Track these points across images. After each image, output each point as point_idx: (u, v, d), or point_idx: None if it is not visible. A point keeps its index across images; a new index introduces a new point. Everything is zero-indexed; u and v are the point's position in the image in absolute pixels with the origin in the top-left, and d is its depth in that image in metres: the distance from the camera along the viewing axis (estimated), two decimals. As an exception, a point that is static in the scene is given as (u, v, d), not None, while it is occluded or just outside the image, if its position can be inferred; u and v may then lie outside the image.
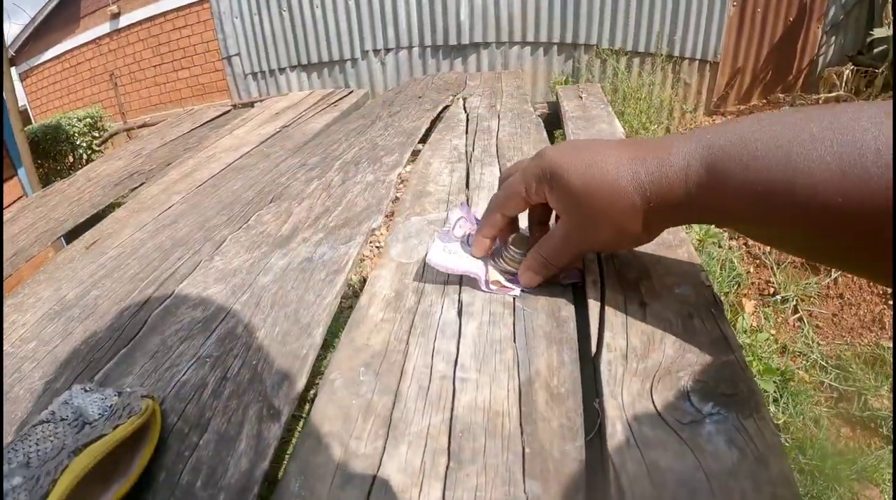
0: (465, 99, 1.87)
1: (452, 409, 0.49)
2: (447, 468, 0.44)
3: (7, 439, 0.57)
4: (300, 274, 0.78)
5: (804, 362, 2.64)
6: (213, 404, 0.55)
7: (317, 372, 0.57)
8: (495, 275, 0.65)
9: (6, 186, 4.01)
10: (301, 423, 0.50)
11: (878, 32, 5.14)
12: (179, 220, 1.14)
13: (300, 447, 0.47)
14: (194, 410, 0.55)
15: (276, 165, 1.41)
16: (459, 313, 0.62)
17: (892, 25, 4.80)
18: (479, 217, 0.67)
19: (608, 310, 0.57)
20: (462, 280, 0.67)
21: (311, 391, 0.55)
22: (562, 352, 0.55)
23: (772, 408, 2.34)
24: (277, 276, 0.78)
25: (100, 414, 0.51)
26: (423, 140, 1.49)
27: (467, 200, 0.72)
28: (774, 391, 2.40)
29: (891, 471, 1.93)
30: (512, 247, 0.64)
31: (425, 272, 0.71)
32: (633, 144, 0.54)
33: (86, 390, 0.54)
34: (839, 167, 0.42)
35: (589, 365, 0.53)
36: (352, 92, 2.32)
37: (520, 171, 0.60)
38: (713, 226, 3.57)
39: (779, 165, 0.45)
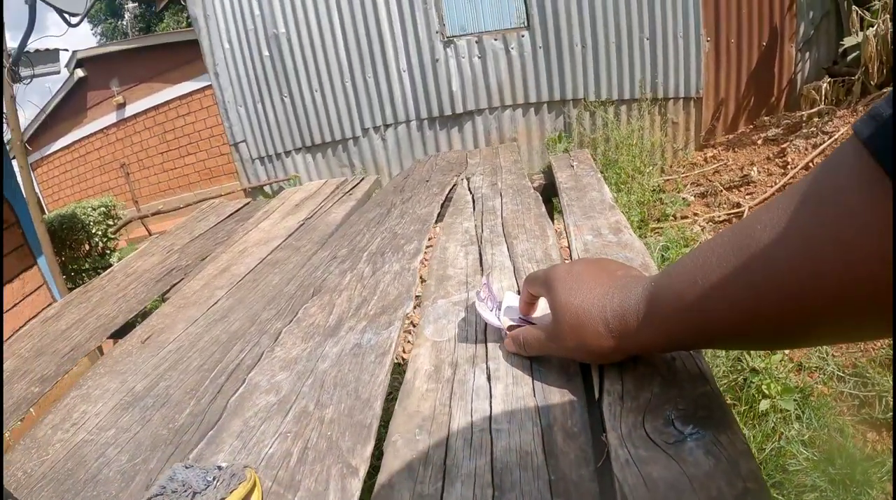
0: (468, 179, 2.00)
1: (492, 453, 0.61)
2: (493, 497, 0.56)
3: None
4: (353, 358, 0.90)
5: (821, 375, 2.68)
6: (300, 469, 0.66)
7: (381, 436, 0.70)
8: (507, 322, 0.81)
9: (27, 276, 4.08)
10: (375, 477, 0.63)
11: (849, 41, 5.28)
12: (229, 315, 1.25)
13: (376, 494, 0.59)
14: (285, 475, 0.66)
15: (308, 258, 1.53)
16: (489, 379, 0.75)
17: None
18: (495, 290, 0.85)
19: (606, 362, 0.70)
20: (488, 352, 0.81)
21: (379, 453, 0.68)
22: (573, 400, 0.68)
23: (795, 425, 2.37)
24: (334, 361, 0.90)
25: (205, 485, 0.62)
26: (438, 220, 1.62)
27: (488, 277, 0.87)
28: (796, 409, 2.43)
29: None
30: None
31: (457, 348, 0.85)
32: (611, 280, 0.65)
33: (186, 467, 0.65)
34: (747, 282, 0.47)
35: (595, 407, 0.66)
36: (363, 179, 2.43)
37: (540, 272, 0.75)
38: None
39: (699, 300, 0.52)
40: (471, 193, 1.82)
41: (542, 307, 0.79)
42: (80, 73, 11.76)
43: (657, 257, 3.85)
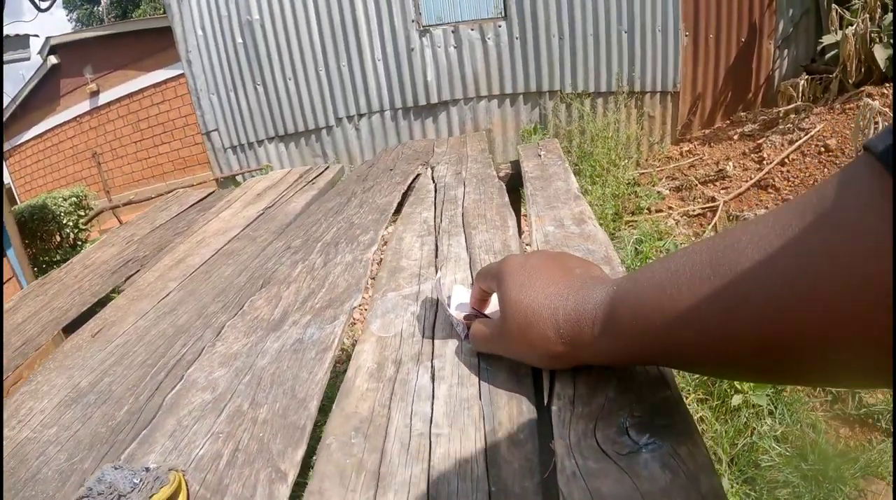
0: (433, 168, 1.97)
1: (429, 460, 0.57)
2: (427, 509, 0.52)
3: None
4: (293, 355, 0.86)
5: (794, 370, 2.69)
6: (229, 473, 0.63)
7: (315, 438, 0.66)
8: (461, 315, 0.77)
9: None
10: (307, 481, 0.60)
11: (827, 39, 5.39)
12: (178, 307, 1.21)
13: None
14: (213, 478, 0.63)
15: (262, 248, 1.49)
16: (432, 378, 0.71)
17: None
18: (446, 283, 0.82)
19: (559, 364, 0.66)
20: (434, 350, 0.77)
21: (312, 455, 0.64)
22: (521, 404, 0.63)
23: (768, 420, 2.39)
24: (274, 357, 0.86)
25: (131, 488, 0.60)
26: (398, 210, 1.58)
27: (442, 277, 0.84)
28: (768, 404, 2.45)
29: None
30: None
31: (402, 344, 0.80)
32: (567, 279, 0.61)
33: (115, 468, 0.62)
34: (719, 301, 0.43)
35: (545, 413, 0.61)
36: (328, 168, 2.39)
37: (493, 264, 0.71)
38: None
39: (664, 310, 0.47)
40: (434, 182, 1.78)
41: (495, 303, 0.75)
42: (53, 59, 11.64)
43: (630, 249, 3.85)
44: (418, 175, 1.95)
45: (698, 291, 0.44)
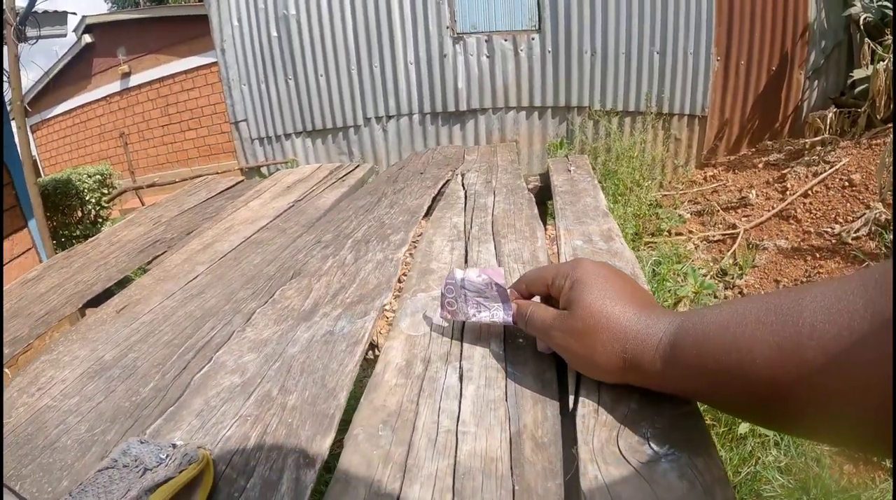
0: (463, 175, 1.99)
1: (456, 456, 0.59)
2: (452, 502, 0.54)
3: (63, 483, 0.66)
4: (324, 346, 0.87)
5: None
6: (256, 455, 0.64)
7: (343, 428, 0.67)
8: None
9: (16, 237, 4.07)
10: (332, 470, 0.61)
11: (858, 73, 5.33)
12: (206, 291, 1.23)
13: (331, 489, 0.57)
14: (240, 459, 0.64)
15: (292, 240, 1.51)
16: (460, 378, 0.72)
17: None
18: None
19: (585, 371, 0.67)
20: (462, 351, 0.79)
21: (339, 444, 0.65)
22: (546, 408, 0.65)
23: (773, 451, 2.36)
24: (304, 347, 0.88)
25: (157, 462, 0.61)
26: (427, 214, 1.60)
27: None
28: (774, 435, 2.43)
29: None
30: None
31: (431, 343, 0.82)
32: (637, 300, 0.63)
33: (142, 442, 0.64)
34: (777, 343, 0.46)
35: (569, 418, 0.63)
36: (358, 166, 2.42)
37: (556, 265, 0.72)
38: (708, 280, 3.68)
39: (724, 345, 0.50)
40: (464, 188, 1.80)
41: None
42: (87, 38, 11.75)
43: (648, 271, 3.84)
44: (448, 180, 1.97)
45: (759, 333, 0.48)
